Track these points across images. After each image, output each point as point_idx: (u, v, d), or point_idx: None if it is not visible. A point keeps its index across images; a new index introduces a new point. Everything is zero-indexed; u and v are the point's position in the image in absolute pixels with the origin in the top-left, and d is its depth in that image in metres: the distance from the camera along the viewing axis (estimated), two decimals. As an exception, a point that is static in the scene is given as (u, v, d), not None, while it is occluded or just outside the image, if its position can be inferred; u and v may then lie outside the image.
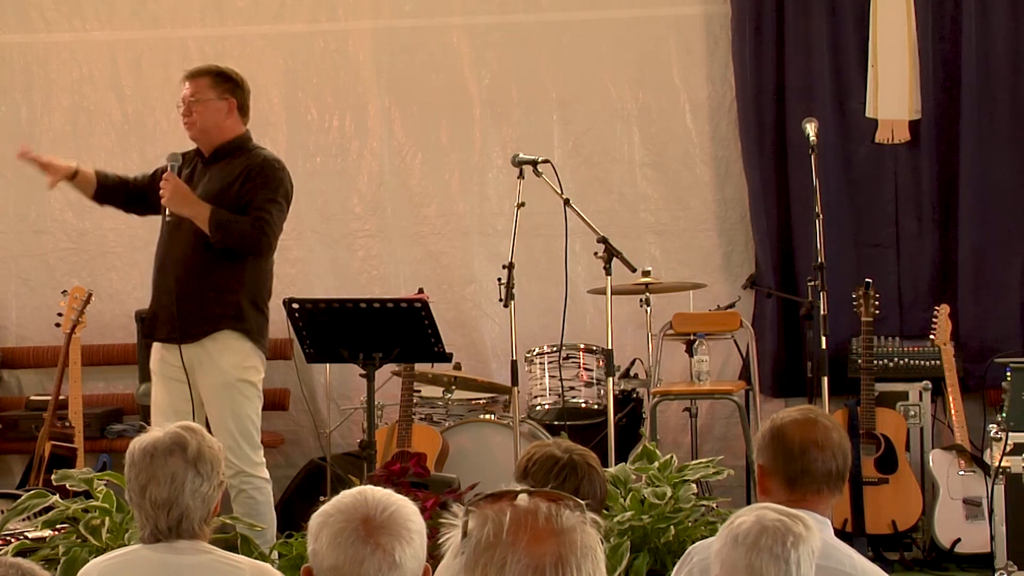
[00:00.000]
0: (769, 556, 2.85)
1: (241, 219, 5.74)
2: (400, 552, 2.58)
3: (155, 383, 5.89)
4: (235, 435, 5.73)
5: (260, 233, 5.74)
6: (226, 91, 5.90)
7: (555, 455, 3.63)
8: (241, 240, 5.73)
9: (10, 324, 8.20)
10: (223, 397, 5.75)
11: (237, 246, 5.75)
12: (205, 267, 5.77)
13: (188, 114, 5.88)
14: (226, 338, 5.77)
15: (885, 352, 7.35)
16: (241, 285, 5.80)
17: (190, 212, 5.74)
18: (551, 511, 1.97)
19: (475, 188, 8.02)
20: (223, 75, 5.94)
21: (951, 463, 6.91)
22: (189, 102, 5.87)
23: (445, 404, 7.39)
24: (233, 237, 5.72)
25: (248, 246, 5.76)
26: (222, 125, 5.89)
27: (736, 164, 7.80)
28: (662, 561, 5.21)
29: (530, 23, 8.00)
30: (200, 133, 5.90)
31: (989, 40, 7.54)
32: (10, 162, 8.14)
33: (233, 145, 5.91)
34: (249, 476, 5.78)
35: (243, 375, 5.79)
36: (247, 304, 5.81)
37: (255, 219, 5.74)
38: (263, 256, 5.84)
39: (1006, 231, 7.55)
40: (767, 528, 2.88)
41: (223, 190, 5.79)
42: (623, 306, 7.41)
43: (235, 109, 5.91)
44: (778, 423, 3.55)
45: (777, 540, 2.86)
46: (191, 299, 5.74)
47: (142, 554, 3.42)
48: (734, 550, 2.88)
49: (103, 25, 8.20)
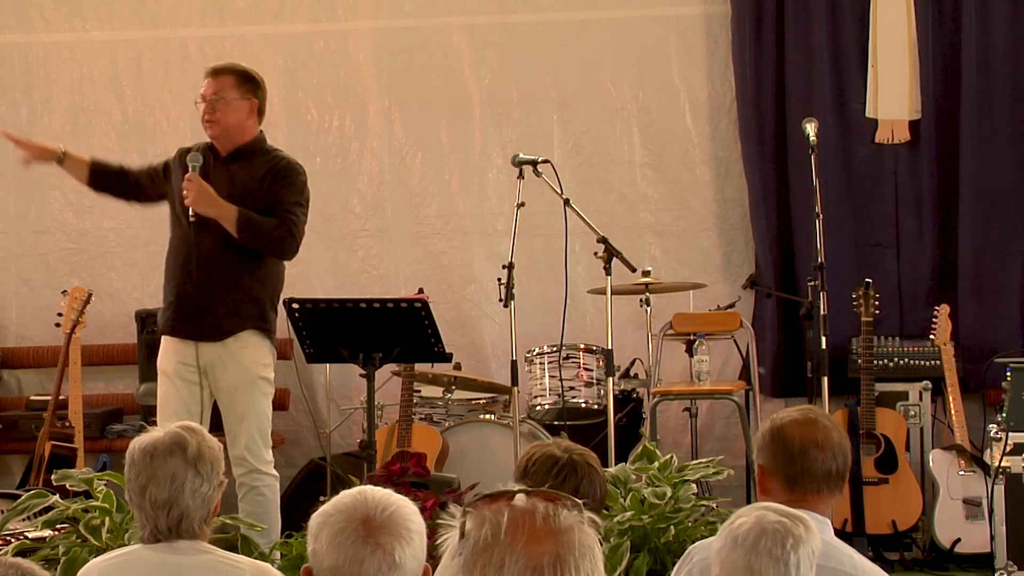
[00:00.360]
0: (768, 558, 2.85)
1: (268, 220, 5.77)
2: (400, 552, 2.58)
3: (165, 383, 5.88)
4: (253, 433, 5.79)
5: (288, 234, 5.79)
6: (248, 91, 5.91)
7: (555, 455, 3.63)
8: (269, 241, 5.77)
9: (10, 324, 8.20)
10: (245, 395, 5.79)
11: (264, 247, 5.78)
12: (233, 267, 5.79)
13: (211, 111, 5.86)
14: (249, 336, 5.82)
15: (885, 352, 7.35)
16: (264, 285, 5.86)
17: (216, 213, 5.74)
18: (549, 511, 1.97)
19: (475, 188, 8.02)
20: (247, 75, 5.95)
21: (951, 463, 6.91)
22: (212, 100, 5.86)
23: (445, 404, 7.39)
24: (260, 238, 5.75)
25: (275, 247, 5.81)
26: (244, 125, 5.91)
27: (736, 164, 7.80)
28: (662, 561, 5.21)
29: (530, 23, 8.00)
30: (222, 132, 5.89)
31: (989, 40, 7.54)
32: (10, 162, 8.14)
33: (252, 146, 5.93)
34: (261, 474, 5.81)
35: (263, 372, 5.86)
36: (268, 304, 5.88)
37: (283, 220, 5.78)
38: (289, 257, 5.91)
39: (1006, 231, 7.55)
40: (767, 530, 2.87)
41: (249, 192, 5.81)
42: (623, 306, 7.41)
43: (255, 110, 5.93)
44: (778, 423, 3.55)
45: (777, 542, 2.86)
46: (218, 299, 5.77)
47: (142, 554, 3.42)
48: (733, 551, 2.88)
49: (103, 25, 8.20)
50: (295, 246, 5.84)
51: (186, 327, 5.81)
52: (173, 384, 5.83)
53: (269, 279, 5.89)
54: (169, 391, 5.84)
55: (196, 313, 5.78)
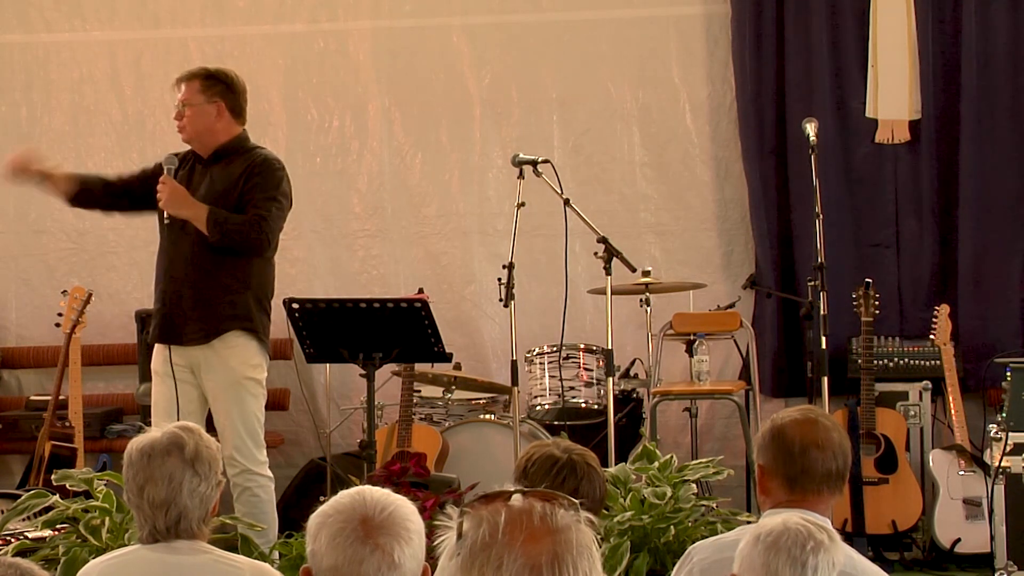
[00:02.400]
0: (787, 557, 2.85)
1: (238, 218, 5.73)
2: (399, 552, 2.58)
3: (159, 384, 5.86)
4: (242, 433, 5.76)
5: (258, 231, 5.72)
6: (215, 94, 5.86)
7: (554, 455, 3.63)
8: (240, 239, 5.72)
9: (10, 324, 8.20)
10: (231, 395, 5.77)
11: (236, 245, 5.74)
12: (212, 268, 5.77)
13: (179, 118, 5.88)
14: (234, 337, 5.78)
15: (885, 352, 7.35)
16: (247, 285, 5.81)
17: (188, 214, 5.73)
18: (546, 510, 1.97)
19: (475, 188, 8.02)
20: (212, 77, 5.89)
21: (951, 463, 6.91)
22: (179, 107, 5.88)
23: (445, 404, 7.39)
24: (231, 236, 5.71)
25: (247, 244, 5.75)
26: (213, 128, 5.87)
27: (736, 164, 7.80)
28: (662, 561, 5.21)
29: (530, 23, 8.00)
30: (191, 137, 5.89)
31: (989, 40, 7.54)
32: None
33: (231, 146, 5.89)
34: (254, 474, 5.79)
35: (250, 373, 5.81)
36: (253, 304, 5.82)
37: (253, 217, 5.73)
38: (262, 254, 5.83)
39: (1006, 231, 7.55)
40: (789, 530, 2.88)
41: (227, 191, 5.79)
42: (623, 306, 7.40)
43: (225, 111, 5.87)
44: (778, 423, 3.55)
45: (797, 543, 2.86)
46: (201, 301, 5.75)
47: (141, 554, 3.41)
48: (754, 548, 2.89)
49: (103, 25, 8.20)
50: (267, 242, 5.76)
51: (170, 334, 5.79)
52: (165, 383, 5.81)
53: (253, 279, 5.82)
54: (161, 390, 5.82)
55: (178, 319, 5.76)
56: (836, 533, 2.95)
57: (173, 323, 5.78)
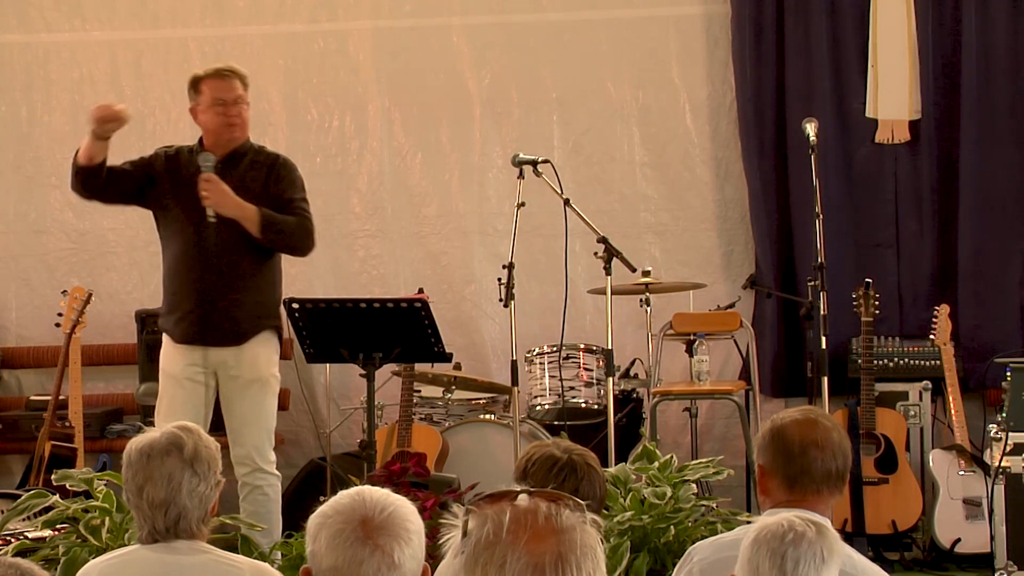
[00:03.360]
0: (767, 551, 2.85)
1: (288, 218, 5.81)
2: (399, 552, 2.57)
3: (171, 385, 5.84)
4: (262, 433, 5.81)
5: (307, 231, 5.84)
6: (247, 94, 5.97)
7: (555, 455, 3.63)
8: (291, 238, 5.83)
9: (10, 324, 8.20)
10: (255, 394, 5.81)
11: (286, 244, 5.85)
12: (246, 269, 5.81)
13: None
14: (265, 336, 5.85)
15: (885, 352, 7.35)
16: (274, 286, 5.92)
17: (237, 214, 5.73)
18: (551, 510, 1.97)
19: (475, 188, 8.02)
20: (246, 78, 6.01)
21: (951, 463, 6.91)
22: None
23: (445, 404, 7.39)
24: (283, 235, 5.80)
25: (297, 244, 5.87)
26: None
27: (736, 164, 7.80)
28: (662, 561, 5.21)
29: (530, 23, 8.00)
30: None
31: (989, 40, 7.54)
32: (10, 162, 8.17)
33: (246, 147, 5.95)
34: (265, 473, 5.83)
35: (275, 371, 5.91)
36: (277, 303, 5.92)
37: (300, 218, 5.83)
38: (307, 253, 5.99)
39: (1006, 231, 7.55)
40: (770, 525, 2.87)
41: (262, 192, 5.82)
42: (623, 306, 7.41)
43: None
44: (778, 423, 3.55)
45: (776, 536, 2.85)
46: (238, 301, 5.77)
47: (141, 554, 3.41)
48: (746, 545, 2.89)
49: (103, 25, 8.20)
50: (313, 241, 5.91)
51: (207, 334, 5.77)
52: (181, 386, 5.80)
53: (278, 278, 5.96)
54: (176, 393, 5.81)
55: (217, 319, 5.76)
56: (831, 529, 2.94)
57: (210, 322, 5.76)
